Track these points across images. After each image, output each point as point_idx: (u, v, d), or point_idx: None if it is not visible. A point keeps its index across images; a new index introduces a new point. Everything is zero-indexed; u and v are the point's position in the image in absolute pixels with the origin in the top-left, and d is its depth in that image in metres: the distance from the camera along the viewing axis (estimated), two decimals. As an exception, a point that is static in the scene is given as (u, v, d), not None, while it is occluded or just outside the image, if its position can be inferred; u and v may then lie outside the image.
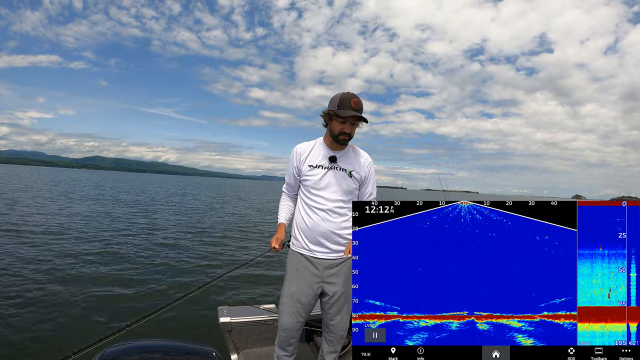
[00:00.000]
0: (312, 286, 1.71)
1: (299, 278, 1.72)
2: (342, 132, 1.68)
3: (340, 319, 1.74)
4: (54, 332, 3.38)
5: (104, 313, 3.90)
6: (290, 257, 1.79)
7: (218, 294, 4.81)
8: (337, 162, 1.74)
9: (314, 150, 1.78)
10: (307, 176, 1.74)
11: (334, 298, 1.72)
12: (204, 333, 3.55)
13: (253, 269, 6.32)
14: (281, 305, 1.76)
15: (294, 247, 1.78)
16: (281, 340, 1.76)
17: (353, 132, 1.71)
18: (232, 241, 9.01)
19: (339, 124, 1.68)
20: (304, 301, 1.71)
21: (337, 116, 1.66)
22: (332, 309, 1.73)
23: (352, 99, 1.64)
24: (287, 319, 1.73)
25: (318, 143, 1.80)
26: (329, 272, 1.71)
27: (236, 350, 2.28)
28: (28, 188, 23.10)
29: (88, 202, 16.31)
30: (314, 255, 1.71)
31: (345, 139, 1.70)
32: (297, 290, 1.72)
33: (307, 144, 1.81)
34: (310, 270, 1.71)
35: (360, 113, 1.66)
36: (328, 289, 1.72)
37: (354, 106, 1.64)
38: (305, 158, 1.77)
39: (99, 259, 6.08)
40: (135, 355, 1.41)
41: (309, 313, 1.77)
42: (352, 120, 1.67)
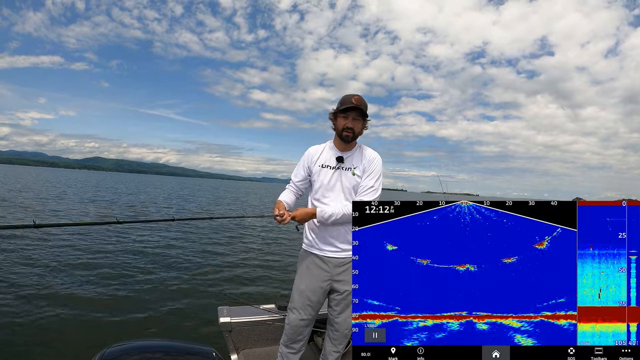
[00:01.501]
0: (321, 284, 1.76)
1: (309, 276, 1.78)
2: (345, 127, 1.74)
3: (345, 317, 1.79)
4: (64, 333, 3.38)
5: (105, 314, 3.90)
6: (301, 256, 1.87)
7: (218, 294, 4.81)
8: (344, 162, 1.79)
9: (325, 152, 1.85)
10: (317, 176, 1.81)
11: (342, 296, 1.76)
12: (204, 333, 3.55)
13: (253, 269, 6.32)
14: (291, 302, 1.82)
15: (305, 246, 1.85)
16: (288, 337, 1.80)
17: (357, 127, 1.76)
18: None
19: (342, 120, 1.75)
20: (313, 299, 1.77)
21: (340, 112, 1.74)
22: (338, 306, 1.78)
23: (354, 97, 1.73)
24: (295, 315, 1.78)
25: (328, 145, 1.87)
26: (338, 270, 1.76)
27: (236, 350, 2.28)
28: (29, 188, 23.11)
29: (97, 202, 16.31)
30: (325, 254, 1.77)
31: (349, 135, 1.74)
32: (306, 288, 1.77)
33: (319, 146, 1.89)
34: (321, 268, 1.77)
35: (364, 110, 1.72)
36: (337, 287, 1.77)
37: (354, 102, 1.71)
38: (317, 159, 1.84)
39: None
40: (135, 355, 1.41)
41: (318, 311, 1.82)
42: (353, 115, 1.73)
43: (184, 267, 6.07)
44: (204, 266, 6.27)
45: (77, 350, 3.03)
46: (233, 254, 7.53)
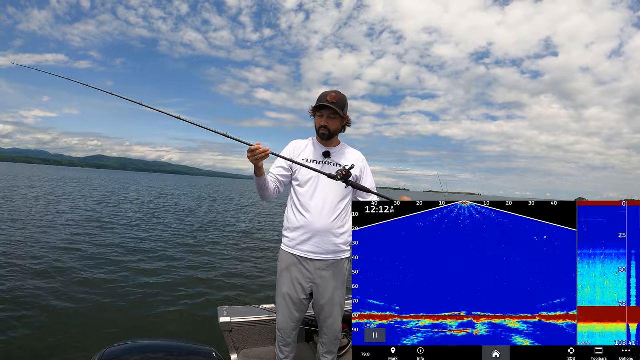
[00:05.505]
0: (303, 287, 1.69)
1: (290, 279, 1.70)
2: (320, 125, 1.69)
3: (333, 321, 1.73)
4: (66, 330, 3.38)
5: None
6: (281, 257, 1.76)
7: (218, 294, 4.81)
8: (330, 158, 1.74)
9: (309, 146, 1.79)
10: (300, 171, 1.72)
11: (324, 300, 1.70)
12: (204, 333, 3.55)
13: (253, 269, 6.32)
14: (276, 306, 1.77)
15: (284, 247, 1.75)
16: (278, 341, 1.77)
17: (333, 125, 1.70)
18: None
19: (318, 118, 1.71)
20: (296, 301, 1.70)
21: (315, 110, 1.70)
22: (323, 311, 1.71)
23: (330, 94, 1.66)
24: (281, 319, 1.74)
25: (312, 141, 1.81)
26: (320, 273, 1.68)
27: (236, 350, 2.28)
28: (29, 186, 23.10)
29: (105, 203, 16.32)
30: (306, 255, 1.68)
31: (325, 134, 1.70)
32: (288, 290, 1.70)
33: (303, 141, 1.82)
34: (301, 271, 1.69)
35: (339, 107, 1.65)
36: (319, 290, 1.69)
37: (329, 99, 1.65)
38: (301, 153, 1.76)
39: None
40: (135, 355, 1.41)
41: (304, 313, 1.76)
42: (328, 114, 1.67)
43: (184, 267, 6.07)
44: (204, 266, 6.27)
45: (77, 350, 3.04)
46: (233, 253, 7.53)
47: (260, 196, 1.71)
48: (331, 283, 1.68)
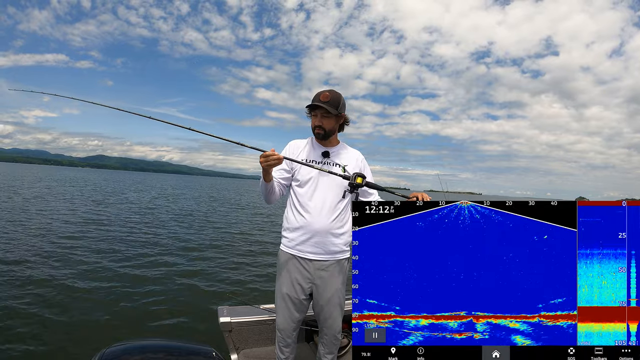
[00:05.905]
0: (303, 287, 1.69)
1: (290, 279, 1.70)
2: (315, 125, 1.69)
3: (333, 321, 1.72)
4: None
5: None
6: (280, 258, 1.75)
7: (218, 294, 4.81)
8: (330, 157, 1.73)
9: (308, 146, 1.78)
10: (299, 171, 1.71)
11: (324, 300, 1.69)
12: (204, 333, 3.55)
13: (253, 269, 6.32)
14: (276, 306, 1.76)
15: (284, 247, 1.74)
16: (278, 341, 1.76)
17: (328, 124, 1.69)
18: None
19: (312, 118, 1.71)
20: (296, 302, 1.70)
21: (310, 110, 1.70)
22: (323, 311, 1.71)
23: (323, 93, 1.66)
24: (281, 319, 1.73)
25: (311, 141, 1.80)
26: (319, 273, 1.67)
27: (236, 350, 2.28)
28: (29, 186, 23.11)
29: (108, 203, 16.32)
30: (306, 256, 1.67)
31: (320, 133, 1.69)
32: (288, 291, 1.70)
33: (301, 141, 1.82)
34: (301, 272, 1.68)
35: (332, 106, 1.64)
36: (319, 290, 1.69)
37: (322, 98, 1.64)
38: (300, 153, 1.76)
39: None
40: (135, 355, 1.41)
41: (304, 313, 1.75)
42: (322, 113, 1.66)
43: (183, 267, 6.07)
44: (204, 266, 6.27)
45: (77, 350, 3.04)
46: (233, 253, 7.53)
47: (266, 200, 1.72)
48: (331, 283, 1.68)
